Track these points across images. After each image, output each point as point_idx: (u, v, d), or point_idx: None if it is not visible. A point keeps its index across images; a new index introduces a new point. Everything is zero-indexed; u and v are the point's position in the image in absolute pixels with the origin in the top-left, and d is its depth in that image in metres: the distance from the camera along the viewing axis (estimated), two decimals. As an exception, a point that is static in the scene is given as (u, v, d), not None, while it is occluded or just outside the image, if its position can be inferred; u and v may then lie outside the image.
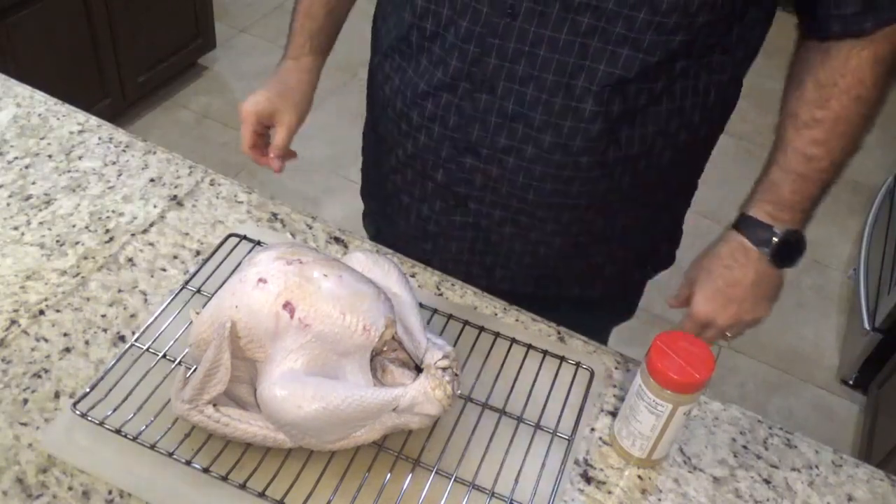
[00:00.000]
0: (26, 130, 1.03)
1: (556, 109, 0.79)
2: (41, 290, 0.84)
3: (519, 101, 0.80)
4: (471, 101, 0.82)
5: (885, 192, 2.43)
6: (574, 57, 0.76)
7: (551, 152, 0.81)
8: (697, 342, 0.71)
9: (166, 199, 0.96)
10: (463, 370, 0.80)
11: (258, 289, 0.68)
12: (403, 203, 0.96)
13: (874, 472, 0.80)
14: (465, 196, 0.89)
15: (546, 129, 0.80)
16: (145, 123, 2.57)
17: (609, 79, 0.76)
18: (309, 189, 2.42)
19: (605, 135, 0.80)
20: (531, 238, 0.90)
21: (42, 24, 2.05)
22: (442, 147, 0.86)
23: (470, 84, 0.81)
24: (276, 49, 1.02)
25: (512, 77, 0.79)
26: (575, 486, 0.74)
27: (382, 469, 0.72)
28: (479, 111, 0.82)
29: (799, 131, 0.81)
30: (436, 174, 0.89)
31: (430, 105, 0.84)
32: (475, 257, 0.95)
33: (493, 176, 0.85)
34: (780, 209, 0.83)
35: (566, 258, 0.93)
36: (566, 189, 0.84)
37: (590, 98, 0.77)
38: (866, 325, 2.05)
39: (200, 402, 0.68)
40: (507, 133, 0.82)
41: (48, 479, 0.69)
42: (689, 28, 0.74)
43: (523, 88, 0.79)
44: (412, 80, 0.85)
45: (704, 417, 0.82)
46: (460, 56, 0.80)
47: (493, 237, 0.92)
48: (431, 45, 0.82)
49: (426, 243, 0.96)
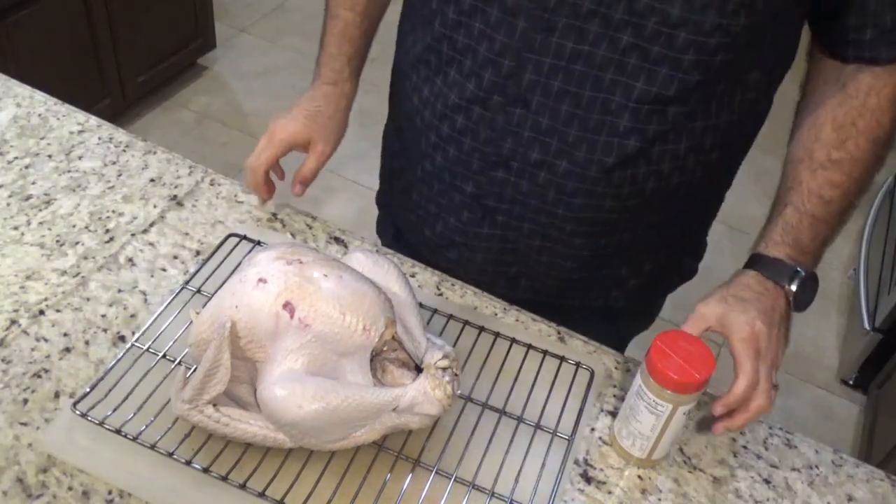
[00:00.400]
0: (26, 130, 1.03)
1: (591, 125, 0.77)
2: (41, 290, 0.84)
3: (553, 117, 0.78)
4: (504, 115, 0.80)
5: (885, 192, 2.43)
6: (612, 73, 0.74)
7: (585, 167, 0.80)
8: (697, 342, 0.71)
9: (166, 199, 0.96)
10: (463, 370, 0.80)
11: (258, 289, 0.68)
12: (430, 212, 0.94)
13: (874, 472, 0.80)
14: (494, 209, 0.87)
15: (580, 145, 0.79)
16: (145, 123, 2.57)
17: (646, 96, 0.75)
18: (309, 189, 2.41)
19: (639, 150, 0.79)
20: (558, 250, 0.89)
21: (42, 24, 2.05)
22: (472, 160, 0.85)
23: (503, 98, 0.79)
24: (276, 49, 1.02)
25: (547, 92, 0.77)
26: (575, 486, 0.74)
27: (382, 469, 0.72)
28: (511, 125, 0.80)
29: (815, 172, 0.79)
30: (465, 186, 0.87)
31: (461, 118, 0.83)
32: (500, 268, 0.94)
33: (524, 190, 0.84)
34: (800, 252, 0.79)
35: (591, 270, 0.92)
36: (597, 204, 0.83)
37: (626, 114, 0.76)
38: (866, 325, 2.05)
39: (200, 402, 0.68)
40: (539, 148, 0.80)
41: (48, 479, 0.69)
42: (728, 48, 0.72)
43: (558, 104, 0.77)
44: (442, 91, 0.84)
45: (704, 417, 0.82)
46: (494, 70, 0.78)
47: (519, 249, 0.90)
48: (463, 57, 0.80)
49: (451, 252, 0.95)
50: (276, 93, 2.76)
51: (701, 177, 0.84)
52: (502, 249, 0.91)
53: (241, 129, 2.62)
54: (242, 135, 2.60)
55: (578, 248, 0.88)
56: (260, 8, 3.12)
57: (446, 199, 0.90)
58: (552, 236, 0.87)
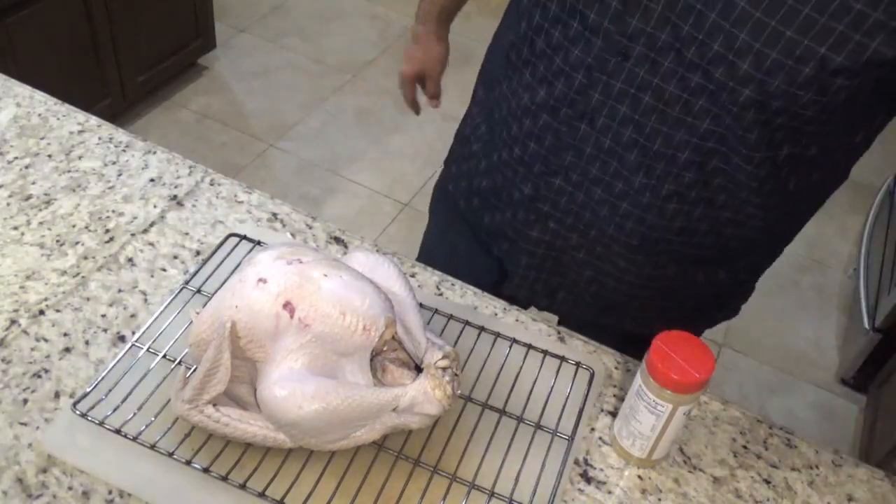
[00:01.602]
0: (26, 130, 1.03)
1: (651, 154, 0.77)
2: (41, 290, 0.84)
3: (616, 139, 0.78)
4: (569, 128, 0.80)
5: (885, 192, 2.43)
6: (677, 111, 0.73)
7: (640, 193, 0.80)
8: (697, 342, 0.71)
9: (166, 199, 0.96)
10: (463, 370, 0.80)
11: (258, 289, 0.68)
12: (491, 202, 0.95)
13: (874, 472, 0.80)
14: (547, 214, 0.88)
15: (638, 171, 0.79)
16: (145, 123, 2.57)
17: (711, 136, 0.74)
18: (309, 189, 2.42)
19: (697, 185, 0.78)
20: (602, 269, 0.89)
21: (42, 24, 2.05)
22: (534, 163, 0.85)
23: (571, 111, 0.79)
24: (277, 49, 1.03)
25: (613, 115, 0.77)
26: (575, 486, 0.74)
27: (382, 469, 0.72)
28: (575, 139, 0.80)
29: None
30: (524, 187, 0.88)
31: (528, 121, 0.83)
32: (542, 275, 0.94)
33: (579, 202, 0.84)
34: None
35: (633, 296, 0.92)
36: (647, 232, 0.83)
37: (688, 149, 0.75)
38: (866, 325, 2.05)
39: (200, 402, 0.68)
40: (599, 165, 0.80)
41: (48, 479, 0.69)
42: (793, 116, 0.70)
43: (622, 129, 0.77)
44: (517, 91, 0.84)
45: (704, 417, 0.82)
46: (567, 82, 0.78)
47: (564, 259, 0.91)
48: (538, 62, 0.80)
49: (502, 244, 0.96)
50: (276, 93, 2.76)
51: (759, 228, 0.83)
52: (547, 256, 0.92)
53: (241, 129, 2.62)
54: (242, 135, 2.60)
55: (622, 270, 0.88)
56: (260, 8, 3.11)
57: (506, 193, 0.91)
58: (598, 252, 0.88)
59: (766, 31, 0.65)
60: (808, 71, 0.65)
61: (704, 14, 0.67)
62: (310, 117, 2.68)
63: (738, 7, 0.65)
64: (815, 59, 0.65)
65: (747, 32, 0.66)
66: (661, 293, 0.91)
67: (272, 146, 2.56)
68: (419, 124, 2.58)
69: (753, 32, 0.65)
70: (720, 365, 2.13)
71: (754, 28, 0.65)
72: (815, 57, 0.64)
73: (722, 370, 2.10)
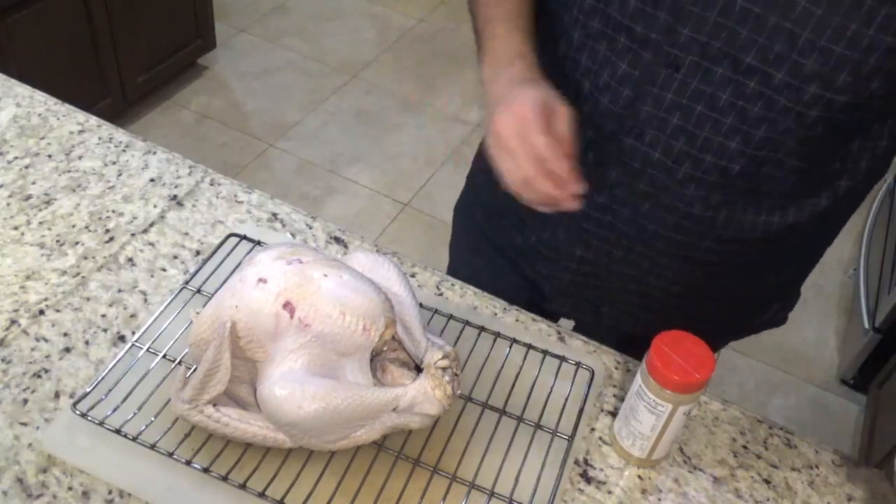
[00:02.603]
0: (26, 130, 1.03)
1: (704, 165, 0.76)
2: (41, 290, 0.84)
3: (666, 152, 0.76)
4: (614, 144, 0.78)
5: (885, 192, 2.43)
6: (732, 119, 0.72)
7: (690, 205, 0.79)
8: (697, 342, 0.71)
9: (166, 199, 0.96)
10: (463, 370, 0.80)
11: (258, 289, 0.68)
12: (527, 222, 0.93)
13: (874, 472, 0.80)
14: (592, 233, 0.86)
15: (689, 182, 0.77)
16: (145, 123, 2.57)
17: (765, 145, 0.73)
18: (309, 189, 2.42)
19: (747, 194, 0.77)
20: (648, 282, 0.88)
21: (42, 24, 2.05)
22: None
23: (616, 126, 0.78)
24: (276, 49, 1.02)
25: (663, 127, 0.75)
26: (575, 486, 0.74)
27: (382, 469, 0.72)
28: (622, 155, 0.79)
29: None
30: None
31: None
32: (585, 291, 0.93)
33: (624, 218, 0.83)
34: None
35: (678, 308, 0.91)
36: (697, 243, 0.82)
37: (742, 160, 0.74)
38: (866, 325, 2.05)
39: (200, 402, 0.68)
40: (647, 180, 0.79)
41: (48, 479, 0.69)
42: (858, 109, 0.70)
43: (673, 140, 0.75)
44: None
45: (704, 417, 0.82)
46: (612, 97, 0.76)
47: (607, 275, 0.89)
48: (583, 79, 0.78)
49: (540, 265, 0.94)
50: (276, 93, 2.76)
51: (806, 232, 0.82)
52: (590, 273, 0.90)
53: (241, 129, 2.62)
54: (242, 135, 2.60)
55: (670, 282, 0.87)
56: (260, 8, 3.11)
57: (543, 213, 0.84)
58: (644, 267, 0.86)
59: (830, 27, 0.65)
60: (874, 62, 0.65)
61: (763, 17, 0.66)
62: (310, 117, 2.68)
63: (800, 6, 0.65)
64: (882, 50, 0.65)
65: (811, 30, 0.65)
66: (708, 301, 0.91)
67: (272, 146, 2.56)
68: (419, 124, 2.58)
69: (817, 29, 0.65)
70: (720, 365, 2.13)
71: (818, 25, 0.65)
72: (882, 47, 0.64)
73: (722, 370, 2.10)
